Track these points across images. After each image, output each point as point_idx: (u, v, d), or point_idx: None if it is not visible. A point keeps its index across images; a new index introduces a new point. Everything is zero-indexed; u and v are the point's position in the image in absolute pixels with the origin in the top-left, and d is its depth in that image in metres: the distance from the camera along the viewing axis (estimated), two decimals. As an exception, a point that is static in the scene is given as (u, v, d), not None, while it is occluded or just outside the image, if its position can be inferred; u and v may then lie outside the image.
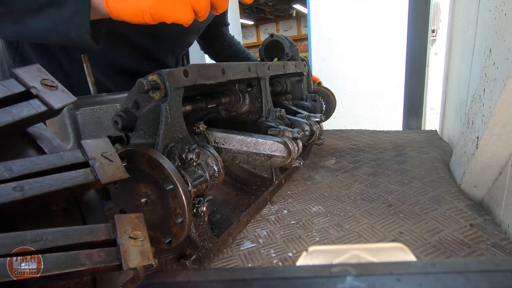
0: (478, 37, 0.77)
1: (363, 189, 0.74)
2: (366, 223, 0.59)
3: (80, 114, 0.55)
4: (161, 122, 0.44)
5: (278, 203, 0.71)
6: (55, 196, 0.26)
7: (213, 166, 0.48)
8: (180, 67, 0.45)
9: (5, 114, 0.27)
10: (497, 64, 0.53)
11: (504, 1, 0.52)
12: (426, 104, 1.99)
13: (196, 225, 0.48)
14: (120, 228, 0.26)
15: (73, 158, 0.28)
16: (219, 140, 0.58)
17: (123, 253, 0.25)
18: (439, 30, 1.80)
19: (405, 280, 0.14)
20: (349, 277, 0.14)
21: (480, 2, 0.75)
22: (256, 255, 0.53)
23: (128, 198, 0.46)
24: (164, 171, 0.40)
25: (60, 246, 0.23)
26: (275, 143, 0.56)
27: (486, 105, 0.56)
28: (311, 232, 0.58)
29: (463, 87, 0.94)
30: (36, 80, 0.29)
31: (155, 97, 0.44)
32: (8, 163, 0.25)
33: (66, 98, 0.30)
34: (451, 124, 1.12)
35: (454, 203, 0.62)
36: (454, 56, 1.14)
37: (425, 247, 0.50)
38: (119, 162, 0.30)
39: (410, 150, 0.97)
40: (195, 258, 0.48)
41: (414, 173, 0.78)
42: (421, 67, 1.96)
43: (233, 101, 0.70)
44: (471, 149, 0.63)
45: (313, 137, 0.77)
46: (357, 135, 1.24)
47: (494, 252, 0.48)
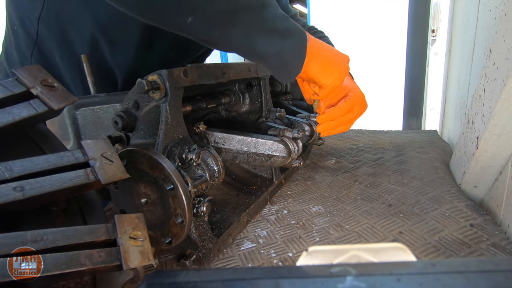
0: (478, 37, 0.77)
1: (363, 189, 0.74)
2: (366, 223, 0.59)
3: (80, 114, 0.55)
4: (161, 122, 0.44)
5: (278, 203, 0.71)
6: (56, 196, 0.26)
7: (213, 166, 0.48)
8: (180, 67, 0.46)
9: (6, 114, 0.27)
10: (497, 64, 0.53)
11: (504, 1, 0.52)
12: (426, 104, 1.99)
13: (196, 225, 0.48)
14: (120, 228, 0.26)
15: (73, 158, 0.28)
16: (219, 140, 0.58)
17: (123, 253, 0.25)
18: (439, 30, 1.80)
19: (405, 280, 0.14)
20: (349, 277, 0.14)
21: (480, 2, 0.75)
22: (256, 255, 0.53)
23: (128, 198, 0.46)
24: (164, 171, 0.40)
25: (60, 246, 0.23)
26: (275, 143, 0.56)
27: (486, 105, 0.56)
28: (311, 232, 0.58)
29: (463, 87, 0.94)
30: (37, 80, 0.29)
31: (155, 97, 0.44)
32: (9, 163, 0.25)
33: (66, 98, 0.30)
34: (451, 124, 1.12)
35: (454, 203, 0.62)
36: (454, 56, 1.14)
37: (425, 247, 0.50)
38: (119, 162, 0.30)
39: (410, 150, 0.97)
40: (195, 258, 0.48)
41: (414, 173, 0.78)
42: (421, 67, 1.96)
43: (233, 101, 0.70)
44: (471, 149, 0.63)
45: (313, 137, 0.77)
46: (357, 135, 1.24)
47: (494, 252, 0.48)
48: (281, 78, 0.52)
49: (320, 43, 0.53)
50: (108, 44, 0.67)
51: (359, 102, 0.67)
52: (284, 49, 0.48)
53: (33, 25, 0.65)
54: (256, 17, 0.45)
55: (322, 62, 0.52)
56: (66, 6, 0.63)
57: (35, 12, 0.63)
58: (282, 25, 0.47)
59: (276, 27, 0.47)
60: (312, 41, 0.51)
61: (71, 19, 0.64)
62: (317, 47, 0.51)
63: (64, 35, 0.66)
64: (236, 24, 0.44)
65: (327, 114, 0.64)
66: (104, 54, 0.68)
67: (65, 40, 0.66)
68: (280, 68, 0.50)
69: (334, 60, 0.54)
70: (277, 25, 0.47)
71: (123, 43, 0.68)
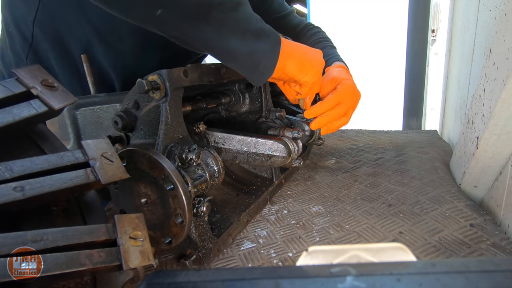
0: (478, 37, 0.77)
1: (363, 189, 0.74)
2: (366, 223, 0.59)
3: (80, 114, 0.55)
4: (161, 122, 0.44)
5: (278, 203, 0.71)
6: (56, 196, 0.26)
7: (213, 166, 0.48)
8: (180, 67, 0.46)
9: (6, 114, 0.27)
10: (497, 64, 0.53)
11: (504, 1, 0.52)
12: (426, 104, 1.99)
13: (196, 225, 0.48)
14: (120, 228, 0.26)
15: (73, 159, 0.28)
16: (219, 140, 0.58)
17: (124, 253, 0.25)
18: (439, 30, 1.80)
19: (405, 280, 0.14)
20: (349, 277, 0.14)
21: (480, 2, 0.75)
22: (256, 255, 0.53)
23: (128, 198, 0.46)
24: (164, 171, 0.40)
25: (60, 246, 0.23)
26: (275, 143, 0.56)
27: (486, 105, 0.56)
28: (311, 232, 0.58)
29: (463, 87, 0.94)
30: (37, 80, 0.29)
31: (155, 97, 0.44)
32: (9, 163, 0.25)
33: (67, 99, 0.30)
34: (451, 124, 1.12)
35: (454, 203, 0.62)
36: (454, 56, 1.14)
37: (425, 247, 0.50)
38: (119, 163, 0.30)
39: (410, 150, 0.97)
40: (195, 258, 0.48)
41: (414, 173, 0.78)
42: (421, 67, 1.96)
43: (233, 101, 0.70)
44: (471, 149, 0.63)
45: (313, 137, 0.77)
46: (357, 135, 1.24)
47: (494, 252, 0.48)
48: (253, 79, 0.51)
49: (293, 43, 0.53)
50: (102, 46, 0.67)
51: (348, 93, 0.65)
52: (256, 50, 0.47)
53: (28, 28, 0.65)
54: (231, 15, 0.45)
55: (298, 61, 0.52)
56: (61, 9, 0.63)
57: (30, 15, 0.64)
58: (256, 26, 0.47)
59: (250, 28, 0.46)
60: (286, 42, 0.51)
61: (66, 22, 0.64)
62: (290, 47, 0.51)
63: (59, 38, 0.66)
64: (209, 21, 0.43)
65: (314, 108, 0.63)
66: (99, 56, 0.68)
67: (60, 42, 0.66)
68: (252, 69, 0.49)
69: (309, 57, 0.54)
70: (252, 26, 0.47)
71: (117, 46, 0.67)
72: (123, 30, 0.65)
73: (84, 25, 0.64)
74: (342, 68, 0.75)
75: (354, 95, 0.67)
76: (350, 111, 0.66)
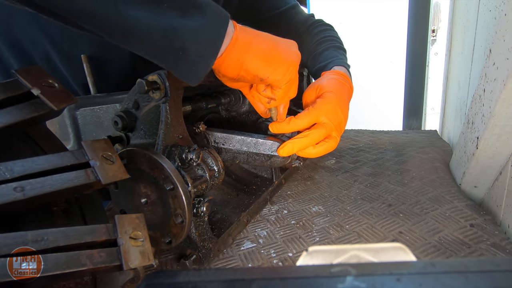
0: (478, 37, 0.77)
1: (363, 189, 0.74)
2: (366, 223, 0.59)
3: (80, 114, 0.55)
4: (161, 122, 0.44)
5: (278, 203, 0.71)
6: (56, 197, 0.26)
7: (213, 166, 0.48)
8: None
9: (6, 115, 0.27)
10: (497, 64, 0.53)
11: (504, 1, 0.52)
12: (426, 104, 2.00)
13: (196, 225, 0.48)
14: (120, 228, 0.26)
15: (73, 159, 0.28)
16: (219, 140, 0.58)
17: (124, 253, 0.25)
18: (439, 30, 1.81)
19: (405, 280, 0.14)
20: (349, 277, 0.14)
21: (480, 2, 0.75)
22: (256, 255, 0.53)
23: (128, 198, 0.46)
24: (164, 171, 0.40)
25: (60, 246, 0.23)
26: (275, 143, 0.56)
27: (486, 105, 0.56)
28: (311, 232, 0.58)
29: (463, 87, 0.94)
30: (37, 81, 0.29)
31: (155, 97, 0.44)
32: (9, 163, 0.25)
33: (67, 99, 0.30)
34: (451, 124, 1.12)
35: (454, 203, 0.62)
36: (454, 56, 1.14)
37: (425, 247, 0.50)
38: (119, 163, 0.30)
39: (410, 150, 0.97)
40: (195, 258, 0.48)
41: (414, 173, 0.78)
42: (421, 67, 1.96)
43: (233, 101, 0.70)
44: (471, 149, 0.63)
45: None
46: (357, 135, 1.24)
47: (494, 252, 0.48)
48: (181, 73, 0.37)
49: (253, 30, 0.41)
50: (59, 57, 0.64)
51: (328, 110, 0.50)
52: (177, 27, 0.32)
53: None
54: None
55: (261, 52, 0.40)
56: (16, 20, 0.61)
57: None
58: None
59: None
60: (242, 28, 0.39)
61: (23, 32, 0.62)
62: (248, 34, 0.39)
63: (19, 46, 0.64)
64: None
65: (282, 124, 0.50)
66: (58, 67, 0.65)
67: (21, 51, 0.64)
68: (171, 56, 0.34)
69: (277, 48, 0.42)
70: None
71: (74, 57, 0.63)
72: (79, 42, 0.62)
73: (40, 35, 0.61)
74: (339, 74, 0.60)
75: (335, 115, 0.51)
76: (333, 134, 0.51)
